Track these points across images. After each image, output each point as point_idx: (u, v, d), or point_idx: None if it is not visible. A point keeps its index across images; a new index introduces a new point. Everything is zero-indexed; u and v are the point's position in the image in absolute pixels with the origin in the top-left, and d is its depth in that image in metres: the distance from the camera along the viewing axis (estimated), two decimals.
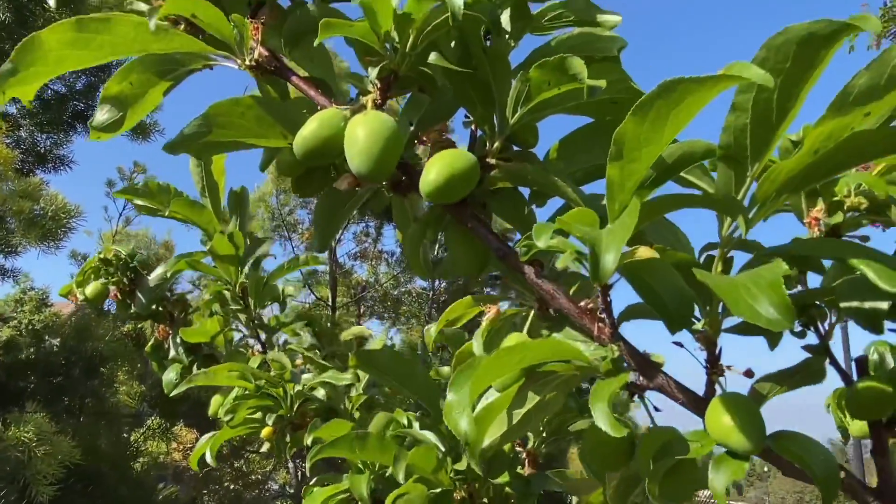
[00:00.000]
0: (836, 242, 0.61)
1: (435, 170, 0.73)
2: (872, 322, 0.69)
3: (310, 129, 0.78)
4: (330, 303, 12.94)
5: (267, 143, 0.84)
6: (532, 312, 0.78)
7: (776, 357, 0.86)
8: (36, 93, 0.80)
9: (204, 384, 1.33)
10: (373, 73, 0.78)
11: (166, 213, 1.53)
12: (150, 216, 1.65)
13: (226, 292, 1.64)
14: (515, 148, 0.86)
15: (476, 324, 0.90)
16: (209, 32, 0.86)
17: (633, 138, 0.60)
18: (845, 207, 0.81)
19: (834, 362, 0.81)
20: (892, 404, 0.74)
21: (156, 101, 0.91)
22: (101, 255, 1.63)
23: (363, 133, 0.74)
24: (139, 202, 1.58)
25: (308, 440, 1.23)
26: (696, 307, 0.72)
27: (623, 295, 0.81)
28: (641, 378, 0.73)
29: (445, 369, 1.48)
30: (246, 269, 1.63)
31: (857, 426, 1.05)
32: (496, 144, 0.82)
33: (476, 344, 0.77)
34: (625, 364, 0.73)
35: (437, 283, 14.74)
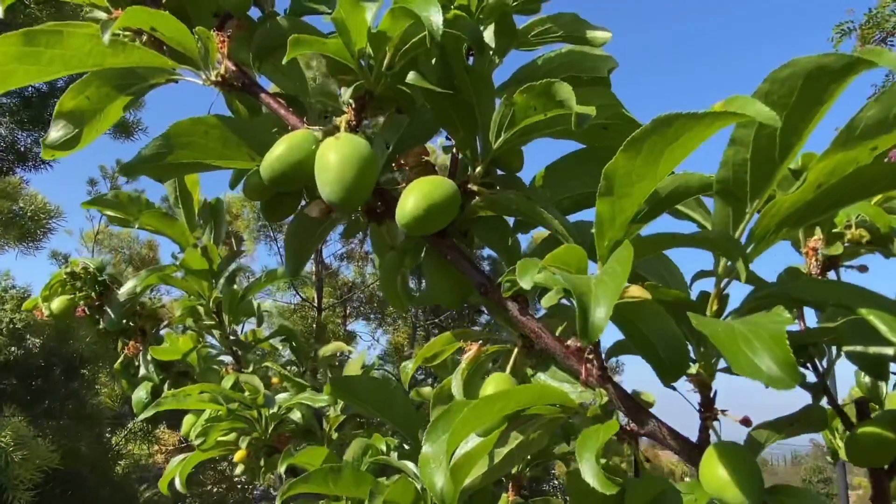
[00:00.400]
0: (842, 287, 0.57)
1: (412, 199, 0.68)
2: (877, 369, 0.64)
3: (278, 153, 0.72)
4: (316, 304, 12.84)
5: (233, 165, 0.79)
6: (516, 350, 0.73)
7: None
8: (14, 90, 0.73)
9: (174, 407, 1.27)
10: (347, 93, 0.72)
11: (137, 226, 1.46)
12: (122, 227, 1.59)
13: (199, 307, 1.58)
14: (499, 172, 0.82)
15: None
16: (170, 46, 0.81)
17: (624, 174, 0.55)
18: (846, 239, 0.77)
19: (833, 402, 0.77)
20: (894, 451, 0.70)
21: (115, 117, 0.85)
22: (68, 269, 1.56)
23: (335, 158, 0.69)
24: (109, 213, 1.51)
25: (282, 468, 1.17)
26: (690, 347, 0.67)
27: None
28: (631, 423, 0.68)
29: (426, 390, 1.43)
30: (220, 283, 1.57)
31: None
32: (479, 169, 0.77)
33: (455, 385, 0.72)
34: (612, 409, 0.69)
35: (422, 284, 14.68)
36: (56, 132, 0.82)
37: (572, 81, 0.70)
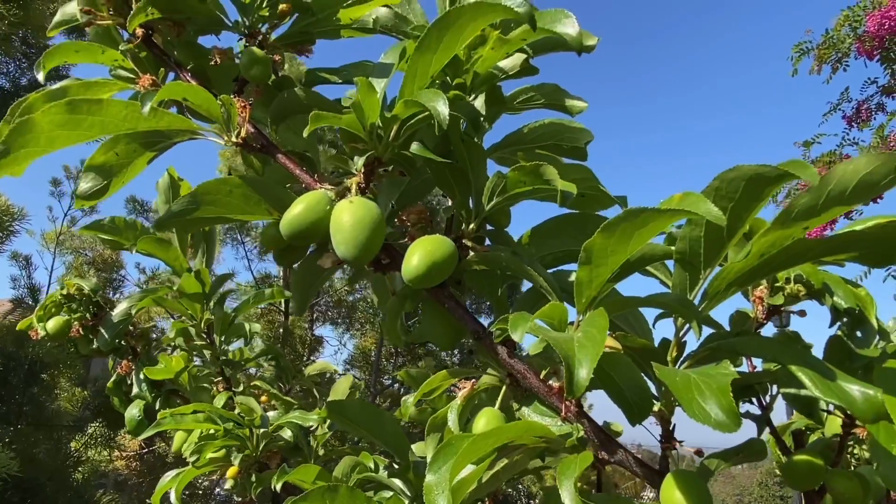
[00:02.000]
0: (777, 345, 0.69)
1: (417, 257, 0.78)
2: (808, 408, 0.77)
3: (296, 213, 0.82)
4: (282, 308, 12.78)
5: (252, 219, 0.88)
6: (504, 388, 0.84)
7: None
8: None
9: (172, 428, 1.35)
10: (359, 161, 0.82)
11: (133, 251, 1.53)
12: (116, 250, 1.65)
13: (190, 328, 1.65)
14: (489, 227, 0.92)
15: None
16: (198, 112, 0.90)
17: (601, 249, 0.66)
18: (785, 293, 0.89)
19: (774, 432, 0.89)
20: (822, 475, 0.82)
21: (140, 169, 0.93)
22: (64, 291, 1.61)
23: (349, 220, 0.78)
24: (106, 237, 1.58)
25: (278, 485, 1.26)
26: (653, 389, 0.79)
27: None
28: (603, 453, 0.79)
29: (411, 410, 1.53)
30: (211, 305, 1.64)
31: None
32: (471, 226, 0.87)
33: (451, 418, 0.82)
34: (587, 440, 0.80)
35: None
36: (86, 184, 0.90)
37: (554, 149, 0.81)
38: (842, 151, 8.28)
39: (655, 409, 0.79)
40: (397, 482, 1.20)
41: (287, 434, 1.46)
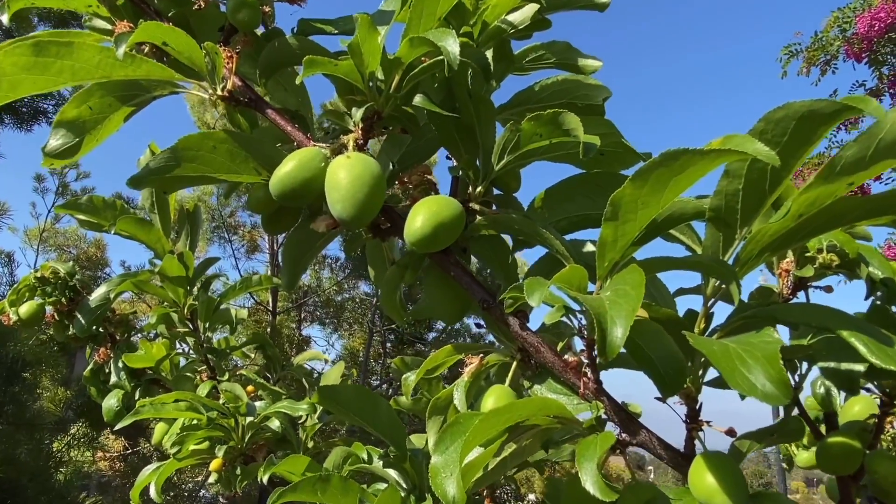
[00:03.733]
0: (823, 311, 0.62)
1: (421, 218, 0.71)
2: (849, 384, 0.70)
3: (287, 170, 0.74)
4: (270, 307, 12.65)
5: (239, 179, 0.80)
6: (514, 364, 0.76)
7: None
8: None
9: (151, 416, 1.26)
10: (357, 113, 0.75)
11: (112, 231, 1.45)
12: (94, 231, 1.56)
13: (173, 314, 1.57)
14: (496, 191, 0.85)
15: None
16: (178, 59, 0.82)
17: (630, 201, 0.59)
18: (817, 263, 0.83)
19: (804, 414, 0.83)
20: (860, 459, 0.76)
21: (116, 127, 0.85)
22: (38, 273, 1.52)
23: (346, 177, 0.71)
24: (81, 217, 1.49)
25: (265, 477, 1.18)
26: None
27: None
28: (624, 434, 0.72)
29: (402, 399, 1.45)
30: (195, 290, 1.56)
31: (805, 457, 1.08)
32: (479, 189, 0.80)
33: (457, 397, 0.75)
34: (605, 420, 0.73)
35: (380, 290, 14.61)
36: (56, 140, 0.81)
37: (568, 108, 0.74)
38: (830, 154, 8.30)
39: None
40: (392, 473, 1.13)
41: (275, 424, 1.38)
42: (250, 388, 1.57)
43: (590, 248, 0.79)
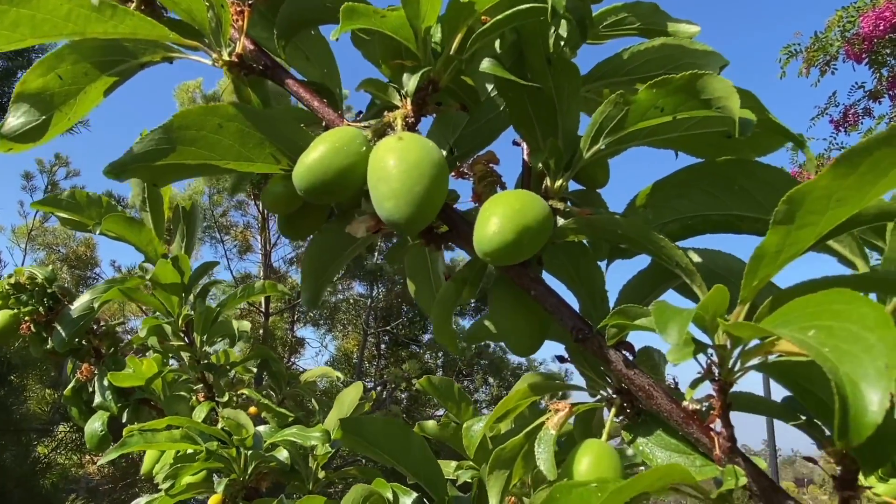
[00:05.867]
0: None
1: (498, 220, 0.53)
2: None
3: (317, 156, 0.56)
4: (263, 309, 12.44)
5: (251, 168, 0.62)
6: (613, 410, 0.59)
7: None
8: None
9: (141, 448, 1.08)
10: (411, 81, 0.57)
11: (97, 231, 1.26)
12: (77, 230, 1.38)
13: (166, 326, 1.38)
14: (574, 186, 0.67)
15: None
16: (176, 15, 0.64)
17: (822, 196, 0.41)
18: None
19: None
20: None
21: (94, 103, 0.67)
22: (12, 279, 1.34)
23: (399, 165, 0.53)
24: (63, 215, 1.31)
25: None
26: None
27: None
28: None
29: (430, 424, 1.27)
30: (191, 299, 1.38)
31: (885, 489, 0.92)
32: (559, 182, 0.62)
33: (543, 457, 0.57)
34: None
35: (374, 290, 14.45)
36: (16, 119, 0.63)
37: (663, 82, 0.56)
38: (829, 156, 8.21)
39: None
40: None
41: (283, 455, 1.20)
42: (252, 409, 1.39)
43: (695, 258, 0.62)
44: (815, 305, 0.40)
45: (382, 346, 15.22)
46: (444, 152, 0.64)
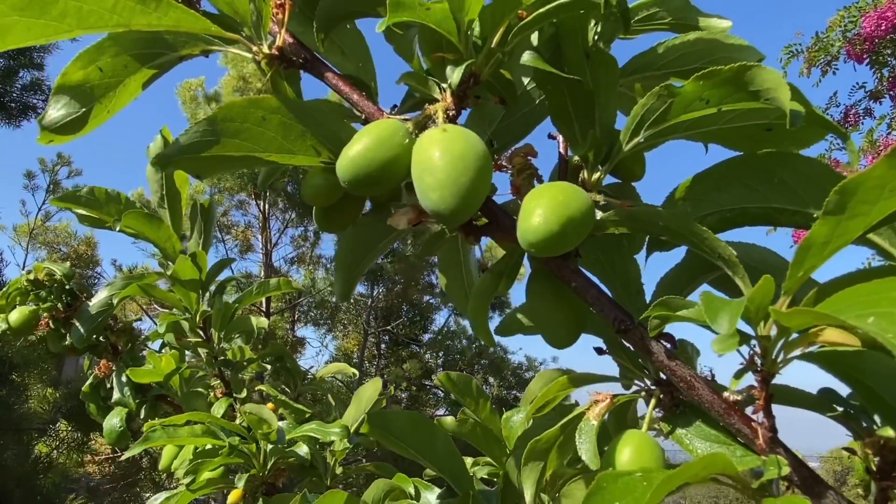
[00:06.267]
0: None
1: (541, 212, 0.53)
2: None
3: (361, 149, 0.57)
4: (264, 309, 12.44)
5: (293, 161, 0.62)
6: (653, 402, 0.59)
7: None
8: None
9: (163, 444, 1.08)
10: (455, 73, 0.57)
11: (116, 228, 1.26)
12: (95, 228, 1.38)
13: (183, 322, 1.38)
14: (610, 179, 0.68)
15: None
16: (212, 8, 0.64)
17: (875, 186, 0.42)
18: None
19: None
20: None
21: (133, 95, 0.67)
22: (31, 275, 1.34)
23: (444, 157, 0.53)
24: (81, 212, 1.31)
25: None
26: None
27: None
28: (804, 496, 0.55)
29: (448, 420, 1.28)
30: (207, 295, 1.38)
31: None
32: (596, 175, 0.63)
33: (585, 447, 0.57)
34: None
35: (375, 290, 14.45)
36: (57, 111, 0.64)
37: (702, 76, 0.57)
38: (830, 156, 8.21)
39: (884, 433, 0.55)
40: None
41: (302, 450, 1.20)
42: (270, 405, 1.39)
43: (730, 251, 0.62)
44: (868, 294, 0.41)
45: (382, 345, 15.23)
46: (492, 145, 0.65)
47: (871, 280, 0.43)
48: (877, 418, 0.56)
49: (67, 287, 1.36)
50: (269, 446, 1.20)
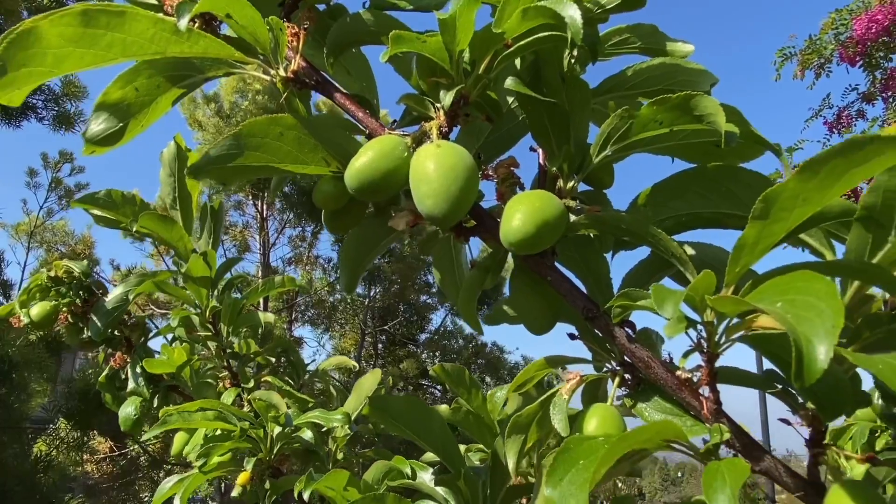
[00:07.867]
0: None
1: (520, 216, 0.63)
2: None
3: (366, 160, 0.66)
4: (261, 308, 12.50)
5: (305, 171, 0.71)
6: (617, 380, 0.68)
7: None
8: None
9: (180, 427, 1.17)
10: (447, 96, 0.66)
11: (133, 228, 1.35)
12: (111, 228, 1.47)
13: (194, 317, 1.47)
14: (582, 187, 0.77)
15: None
16: (233, 34, 0.73)
17: (791, 196, 0.51)
18: None
19: None
20: None
21: (163, 111, 0.76)
22: (51, 273, 1.43)
23: (437, 168, 0.63)
24: (98, 213, 1.40)
25: (306, 493, 1.09)
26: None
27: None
28: (745, 459, 0.64)
29: (443, 407, 1.37)
30: (217, 292, 1.47)
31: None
32: (571, 183, 0.72)
33: (557, 418, 0.66)
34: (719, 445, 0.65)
35: (372, 290, 14.53)
36: (98, 125, 0.73)
37: (663, 97, 0.66)
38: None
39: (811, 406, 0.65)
40: (441, 491, 1.04)
41: (307, 435, 1.29)
42: (276, 395, 1.48)
43: (689, 250, 0.72)
44: (783, 284, 0.50)
45: (380, 345, 15.31)
46: (479, 158, 0.74)
47: (789, 273, 0.53)
48: None
49: (85, 283, 1.45)
50: (277, 429, 1.29)
